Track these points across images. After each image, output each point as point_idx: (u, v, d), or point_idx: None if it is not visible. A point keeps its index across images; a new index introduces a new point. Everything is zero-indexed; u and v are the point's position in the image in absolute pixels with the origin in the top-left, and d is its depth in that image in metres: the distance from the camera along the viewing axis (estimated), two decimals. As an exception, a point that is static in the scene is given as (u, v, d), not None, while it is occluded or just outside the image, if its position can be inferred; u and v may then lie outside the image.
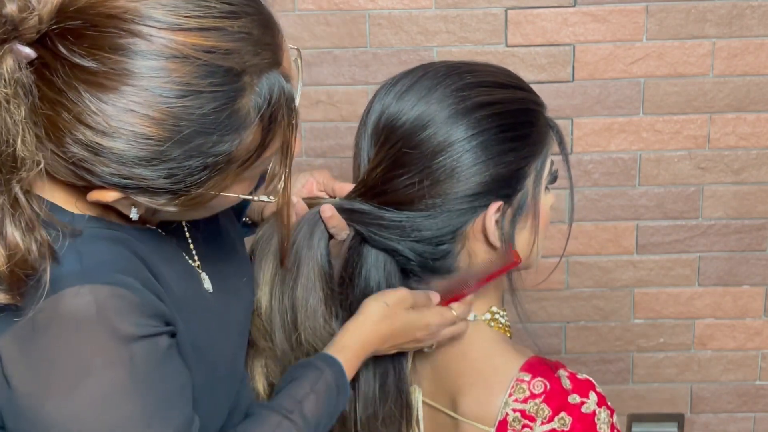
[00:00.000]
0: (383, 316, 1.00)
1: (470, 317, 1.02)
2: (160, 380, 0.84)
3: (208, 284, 1.00)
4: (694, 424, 2.02)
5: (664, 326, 1.96)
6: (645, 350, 1.98)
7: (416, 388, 1.05)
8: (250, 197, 0.89)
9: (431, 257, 0.99)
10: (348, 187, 1.05)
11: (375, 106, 1.00)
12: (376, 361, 1.04)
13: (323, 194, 1.11)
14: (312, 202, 1.09)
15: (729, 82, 1.81)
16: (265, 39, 0.80)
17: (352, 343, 1.00)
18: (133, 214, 0.86)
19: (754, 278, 1.92)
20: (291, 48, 0.88)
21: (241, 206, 1.18)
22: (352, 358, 0.99)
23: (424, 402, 1.04)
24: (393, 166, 0.97)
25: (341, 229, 1.03)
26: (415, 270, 1.02)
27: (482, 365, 0.99)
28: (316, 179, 1.12)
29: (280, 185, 0.88)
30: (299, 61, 0.89)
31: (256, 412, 0.96)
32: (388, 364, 1.04)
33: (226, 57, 0.77)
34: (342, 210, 1.02)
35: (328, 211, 1.01)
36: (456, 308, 1.01)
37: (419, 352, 1.06)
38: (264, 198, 0.90)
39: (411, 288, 1.04)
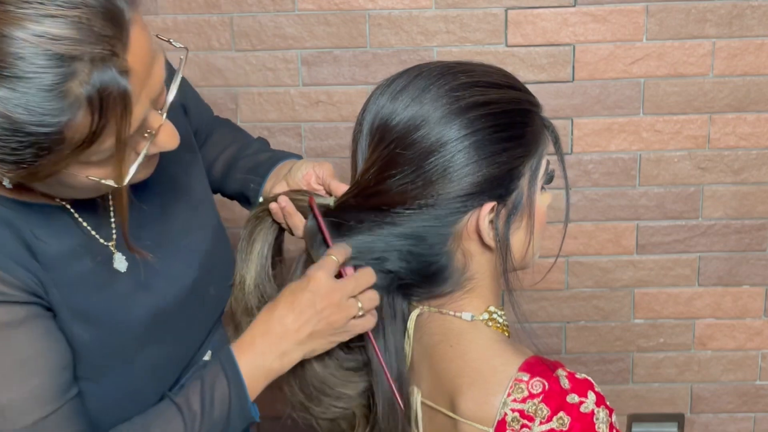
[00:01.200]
0: (283, 301, 1.03)
1: (468, 317, 1.02)
2: None
3: (120, 264, 1.06)
4: (694, 424, 2.02)
5: (664, 326, 1.96)
6: (645, 350, 1.98)
7: (415, 389, 1.05)
8: (96, 179, 0.92)
9: (426, 260, 1.00)
10: (345, 188, 1.05)
11: (370, 106, 1.00)
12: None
13: (320, 188, 1.12)
14: (296, 197, 1.09)
15: (729, 82, 1.81)
16: (105, 31, 0.84)
17: (257, 333, 1.03)
18: (6, 182, 0.92)
19: (754, 278, 1.92)
20: (180, 47, 0.95)
21: (257, 188, 1.25)
22: (255, 349, 1.02)
23: (422, 402, 1.04)
24: (386, 167, 0.97)
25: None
26: (412, 277, 1.02)
27: (481, 365, 0.98)
28: (316, 172, 1.13)
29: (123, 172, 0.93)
30: (184, 58, 0.95)
31: (162, 403, 1.02)
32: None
33: (56, 42, 0.81)
34: (336, 225, 1.03)
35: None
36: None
37: (417, 352, 1.06)
38: (109, 182, 0.93)
39: (411, 294, 1.06)
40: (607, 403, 0.94)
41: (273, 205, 1.11)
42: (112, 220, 1.08)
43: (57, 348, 0.96)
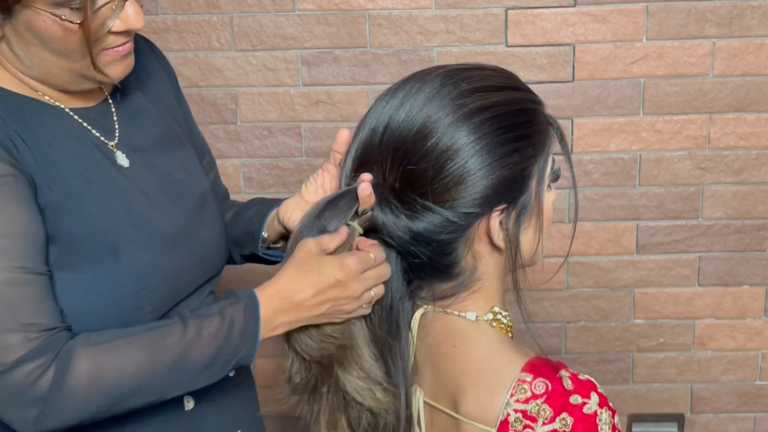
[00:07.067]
0: (308, 273, 1.03)
1: (472, 317, 1.02)
2: None
3: (123, 161, 1.15)
4: (694, 424, 2.02)
5: (664, 326, 1.96)
6: (645, 350, 1.98)
7: (417, 388, 1.05)
8: (61, 18, 1.00)
9: (440, 262, 1.00)
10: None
11: (373, 124, 1.00)
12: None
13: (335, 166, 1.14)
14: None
15: (729, 82, 1.81)
16: None
17: (277, 294, 1.04)
18: None
19: (754, 278, 1.92)
20: None
21: (256, 229, 1.27)
22: (270, 296, 1.04)
23: (425, 402, 1.05)
24: (404, 185, 0.98)
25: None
26: (424, 271, 1.02)
27: (484, 365, 0.99)
28: (323, 170, 1.16)
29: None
30: None
31: (175, 318, 1.05)
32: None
33: None
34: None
35: (366, 189, 1.00)
36: (372, 251, 1.02)
37: (420, 351, 1.06)
38: (72, 20, 1.01)
39: (417, 295, 1.06)
40: (610, 404, 0.94)
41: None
42: (115, 119, 1.17)
43: (37, 219, 1.02)
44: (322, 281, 1.02)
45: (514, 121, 0.98)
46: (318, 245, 1.03)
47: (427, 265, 1.01)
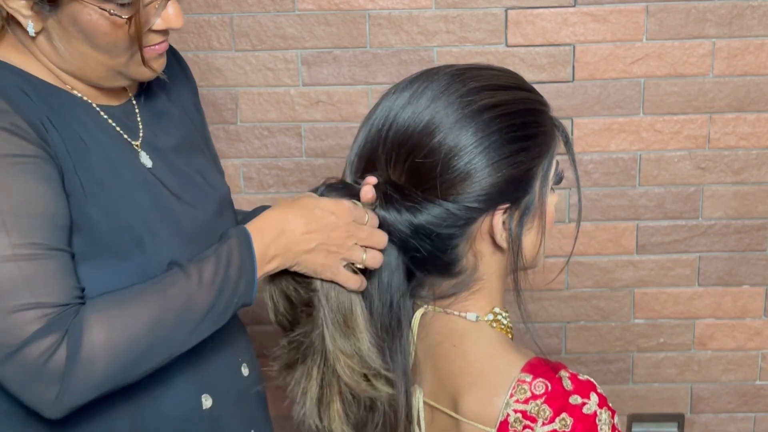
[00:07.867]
0: (301, 207, 1.04)
1: (472, 317, 1.02)
2: None
3: (146, 160, 1.16)
4: (694, 424, 2.02)
5: (664, 326, 1.96)
6: (645, 350, 1.98)
7: (417, 388, 1.05)
8: (110, 11, 1.01)
9: (441, 259, 1.00)
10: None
11: (379, 121, 1.00)
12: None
13: None
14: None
15: (729, 82, 1.81)
16: None
17: (268, 226, 1.06)
18: (30, 29, 1.04)
19: (754, 278, 1.92)
20: None
21: None
22: (260, 228, 1.06)
23: (425, 402, 1.05)
24: (410, 179, 0.98)
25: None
26: (425, 267, 1.02)
27: (484, 365, 0.99)
28: None
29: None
30: None
31: (174, 269, 1.05)
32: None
33: None
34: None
35: (369, 192, 1.01)
36: (367, 212, 1.02)
37: (420, 351, 1.06)
38: (123, 12, 1.02)
39: (418, 294, 1.06)
40: (610, 404, 0.94)
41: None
42: (139, 120, 1.18)
43: (61, 201, 1.02)
44: (315, 216, 1.03)
45: (521, 120, 0.98)
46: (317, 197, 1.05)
47: (428, 261, 1.01)
